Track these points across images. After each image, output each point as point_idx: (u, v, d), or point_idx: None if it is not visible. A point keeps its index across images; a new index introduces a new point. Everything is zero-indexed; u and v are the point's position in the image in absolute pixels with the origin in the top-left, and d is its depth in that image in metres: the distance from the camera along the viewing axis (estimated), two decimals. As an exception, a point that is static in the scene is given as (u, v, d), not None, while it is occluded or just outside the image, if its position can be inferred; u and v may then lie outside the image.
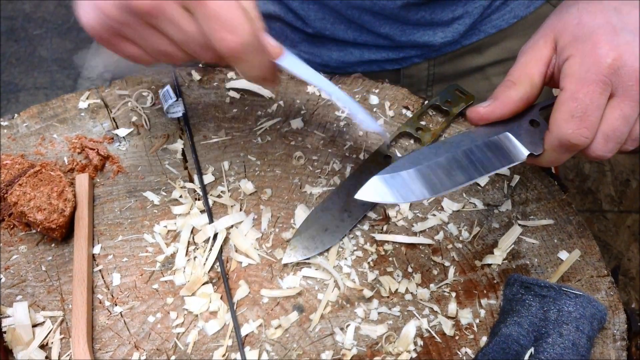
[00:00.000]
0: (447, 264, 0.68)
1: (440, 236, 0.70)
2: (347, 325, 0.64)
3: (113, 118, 0.80)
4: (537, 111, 0.61)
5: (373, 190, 0.57)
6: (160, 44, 0.57)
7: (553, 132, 0.56)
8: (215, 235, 0.69)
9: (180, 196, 0.72)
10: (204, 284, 0.66)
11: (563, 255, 0.68)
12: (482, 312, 0.65)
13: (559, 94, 0.56)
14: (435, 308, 0.65)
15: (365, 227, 0.70)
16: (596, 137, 0.56)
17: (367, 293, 0.65)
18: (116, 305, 0.65)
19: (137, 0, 0.54)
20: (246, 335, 0.63)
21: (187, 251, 0.68)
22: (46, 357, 0.61)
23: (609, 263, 1.71)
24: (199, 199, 0.72)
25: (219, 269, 0.67)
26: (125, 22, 0.56)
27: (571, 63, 0.56)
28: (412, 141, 0.77)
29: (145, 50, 0.59)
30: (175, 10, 0.54)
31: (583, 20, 0.58)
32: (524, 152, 0.59)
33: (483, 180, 0.74)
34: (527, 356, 0.58)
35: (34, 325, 0.63)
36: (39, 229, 0.67)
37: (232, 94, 0.82)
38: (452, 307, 0.65)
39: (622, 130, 0.56)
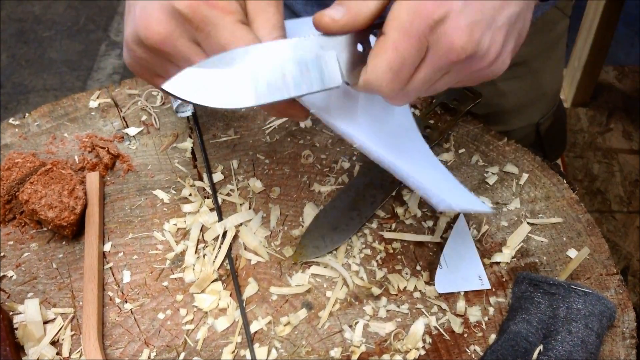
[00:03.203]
0: (455, 262, 0.68)
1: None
2: (356, 323, 0.64)
3: (123, 117, 0.80)
4: (368, 33, 0.54)
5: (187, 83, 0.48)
6: None
7: (367, 75, 0.52)
8: (225, 233, 0.69)
9: (190, 194, 0.73)
10: (213, 281, 0.66)
11: (572, 253, 0.68)
12: (491, 310, 0.65)
13: (379, 38, 0.51)
14: (444, 306, 0.65)
15: (374, 225, 0.71)
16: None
17: (376, 291, 0.66)
18: (126, 302, 0.65)
19: (147, 35, 0.51)
20: (255, 332, 0.63)
21: (196, 249, 0.69)
22: (57, 354, 0.62)
23: (618, 264, 1.70)
24: (208, 197, 0.73)
25: (228, 267, 0.67)
26: (146, 59, 0.54)
27: (398, 7, 0.50)
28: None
29: None
30: (185, 45, 0.51)
31: None
32: (338, 79, 0.53)
33: (491, 179, 0.74)
34: (535, 353, 0.58)
35: (45, 322, 0.64)
36: (50, 227, 0.68)
37: (241, 93, 0.82)
38: (461, 305, 0.65)
39: (422, 88, 0.54)
